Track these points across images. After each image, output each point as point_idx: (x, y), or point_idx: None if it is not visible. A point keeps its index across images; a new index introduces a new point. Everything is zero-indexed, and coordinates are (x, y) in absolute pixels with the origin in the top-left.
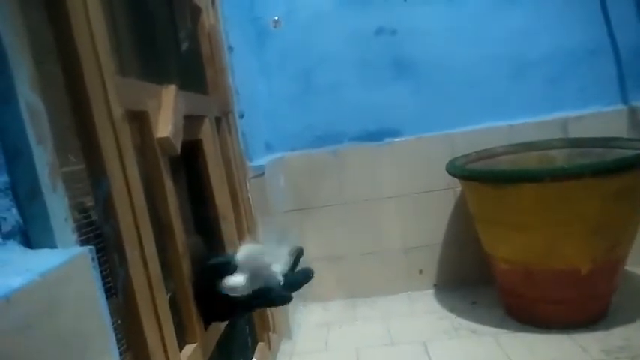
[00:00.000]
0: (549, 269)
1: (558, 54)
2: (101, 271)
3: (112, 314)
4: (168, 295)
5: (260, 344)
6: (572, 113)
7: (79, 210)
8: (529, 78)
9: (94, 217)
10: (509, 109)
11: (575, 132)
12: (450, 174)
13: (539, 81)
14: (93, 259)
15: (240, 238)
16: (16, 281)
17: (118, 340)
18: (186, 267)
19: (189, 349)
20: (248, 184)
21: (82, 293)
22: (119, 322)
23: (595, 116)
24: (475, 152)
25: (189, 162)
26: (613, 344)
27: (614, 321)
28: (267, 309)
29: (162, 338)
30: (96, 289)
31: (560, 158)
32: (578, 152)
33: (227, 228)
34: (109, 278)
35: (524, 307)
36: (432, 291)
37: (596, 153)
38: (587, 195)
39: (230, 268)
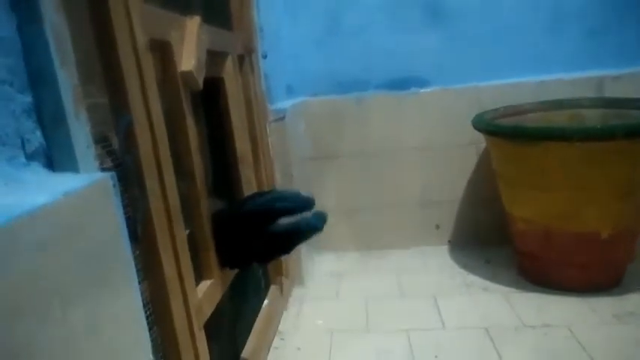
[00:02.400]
0: (568, 232)
1: (600, 4)
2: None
3: (132, 244)
4: (187, 232)
5: (273, 287)
6: (609, 72)
7: (101, 140)
8: (566, 30)
9: (115, 148)
10: (541, 63)
11: (612, 92)
12: (476, 128)
13: (576, 34)
14: (114, 185)
15: (259, 181)
16: (39, 199)
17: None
18: (204, 204)
19: (205, 284)
20: (268, 128)
21: (103, 218)
22: (137, 252)
23: (634, 76)
24: (503, 107)
25: (209, 100)
26: (624, 310)
27: (628, 288)
28: None
29: (179, 271)
30: (117, 214)
31: (592, 118)
32: (613, 113)
33: (245, 171)
34: (129, 209)
35: (539, 269)
36: (446, 247)
37: (632, 115)
38: (617, 158)
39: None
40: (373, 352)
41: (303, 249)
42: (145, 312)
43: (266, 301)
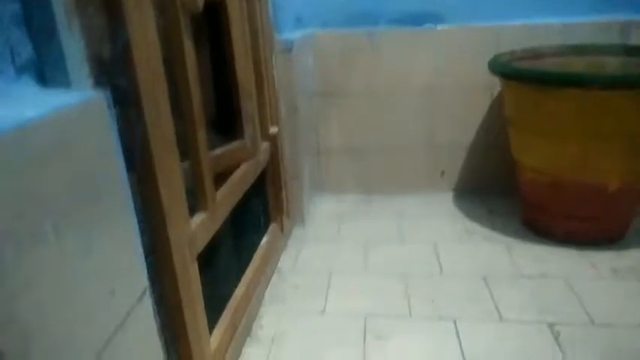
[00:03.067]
0: (577, 182)
1: None
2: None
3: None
4: (183, 163)
5: (273, 225)
6: (637, 17)
7: (96, 60)
8: None
9: (110, 68)
10: (567, 4)
11: (637, 40)
12: (492, 71)
13: None
14: (109, 105)
15: (262, 115)
16: (29, 113)
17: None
18: (201, 136)
19: (200, 216)
20: (274, 60)
21: (97, 138)
22: (133, 180)
23: None
24: (520, 50)
25: (210, 27)
26: (624, 264)
27: (630, 243)
28: (283, 193)
29: (174, 201)
30: (112, 135)
31: (612, 66)
32: (636, 62)
33: (247, 103)
34: (125, 135)
35: (543, 220)
36: (450, 195)
37: None
38: (636, 109)
39: None
40: (369, 293)
41: (304, 189)
42: (142, 240)
43: (265, 238)
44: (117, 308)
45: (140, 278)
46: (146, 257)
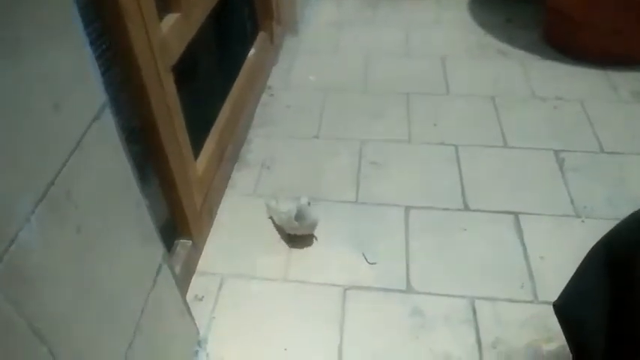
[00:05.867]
0: None
1: None
2: None
3: None
4: None
5: (261, 34)
6: None
7: None
8: None
9: None
10: None
11: None
12: None
13: None
14: None
15: None
16: None
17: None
18: None
19: (171, 18)
20: None
21: None
22: None
23: None
24: None
25: None
26: None
27: None
28: None
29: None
30: None
31: None
32: None
33: None
34: None
35: (566, 32)
36: (465, 0)
37: None
38: None
39: None
40: (367, 115)
41: None
42: (100, 46)
43: (253, 50)
44: (66, 127)
45: (95, 91)
46: (107, 69)
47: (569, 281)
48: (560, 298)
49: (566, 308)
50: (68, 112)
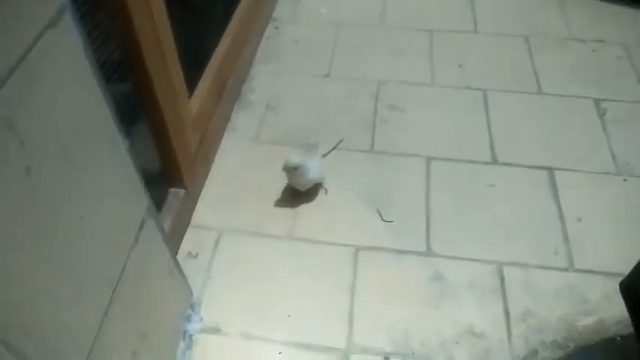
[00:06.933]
0: None
1: None
2: None
3: None
4: None
5: None
6: None
7: None
8: None
9: None
10: None
11: None
12: None
13: None
14: None
15: None
16: None
17: None
18: None
19: None
20: None
21: None
22: None
23: None
24: None
25: None
26: None
27: None
28: None
29: None
30: None
31: None
32: None
33: None
34: None
35: None
36: None
37: None
38: None
39: None
40: (384, 53)
41: None
42: None
43: None
44: (4, 35)
45: None
46: None
47: None
48: (629, 276)
49: (635, 288)
50: (8, 12)
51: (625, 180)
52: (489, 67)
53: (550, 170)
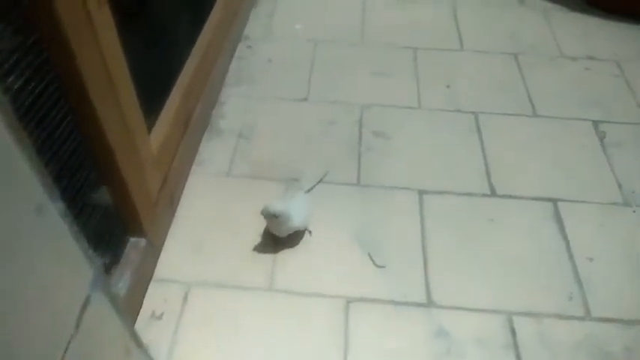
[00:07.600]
0: None
1: None
2: None
3: None
4: None
5: None
6: None
7: None
8: None
9: None
10: None
11: None
12: None
13: None
14: None
15: None
16: None
17: None
18: None
19: None
20: None
21: None
22: None
23: None
24: None
25: None
26: None
27: None
28: None
29: None
30: None
31: None
32: None
33: None
34: None
35: None
36: None
37: None
38: None
39: None
40: (366, 75)
41: None
42: None
43: None
44: None
45: None
46: None
47: None
48: None
49: None
50: None
51: (634, 211)
52: (479, 88)
53: (554, 202)
